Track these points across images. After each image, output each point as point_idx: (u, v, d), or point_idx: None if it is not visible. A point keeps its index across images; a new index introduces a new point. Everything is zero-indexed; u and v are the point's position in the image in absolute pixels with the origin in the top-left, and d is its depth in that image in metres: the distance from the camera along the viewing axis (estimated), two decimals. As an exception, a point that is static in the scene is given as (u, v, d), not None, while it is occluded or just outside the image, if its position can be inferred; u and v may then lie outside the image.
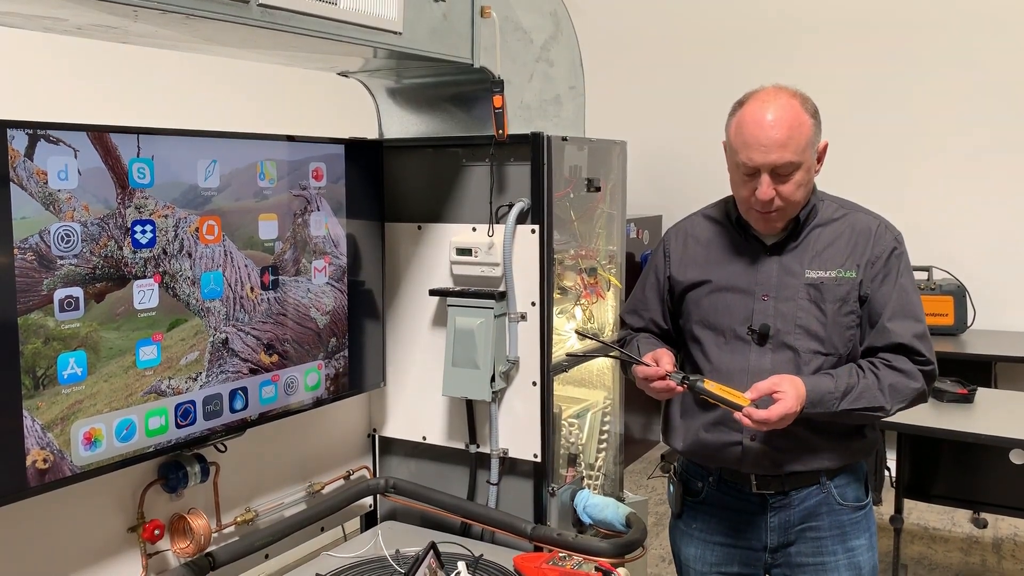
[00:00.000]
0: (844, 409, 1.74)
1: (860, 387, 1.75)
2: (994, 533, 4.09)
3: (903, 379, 1.78)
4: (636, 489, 4.49)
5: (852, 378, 1.76)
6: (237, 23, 1.47)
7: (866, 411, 1.76)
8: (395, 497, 2.32)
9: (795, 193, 1.74)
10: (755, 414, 1.66)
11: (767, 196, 1.72)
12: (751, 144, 1.71)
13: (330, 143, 2.13)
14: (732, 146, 1.78)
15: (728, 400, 1.71)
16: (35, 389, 1.53)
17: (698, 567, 1.98)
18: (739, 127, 1.75)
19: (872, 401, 1.75)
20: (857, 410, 1.75)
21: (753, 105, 1.75)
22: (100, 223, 1.62)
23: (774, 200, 1.74)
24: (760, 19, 5.25)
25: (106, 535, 1.78)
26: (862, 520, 1.90)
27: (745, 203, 1.80)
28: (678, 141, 5.43)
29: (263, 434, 2.08)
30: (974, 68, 4.73)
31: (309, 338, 2.10)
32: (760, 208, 1.76)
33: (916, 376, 1.79)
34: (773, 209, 1.76)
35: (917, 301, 1.83)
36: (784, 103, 1.73)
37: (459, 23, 1.98)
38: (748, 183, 1.76)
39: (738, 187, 1.80)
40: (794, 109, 1.72)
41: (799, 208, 1.80)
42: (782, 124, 1.70)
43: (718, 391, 1.72)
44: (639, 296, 2.06)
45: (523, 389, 2.20)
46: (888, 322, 1.79)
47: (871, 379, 1.76)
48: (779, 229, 1.83)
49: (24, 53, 2.98)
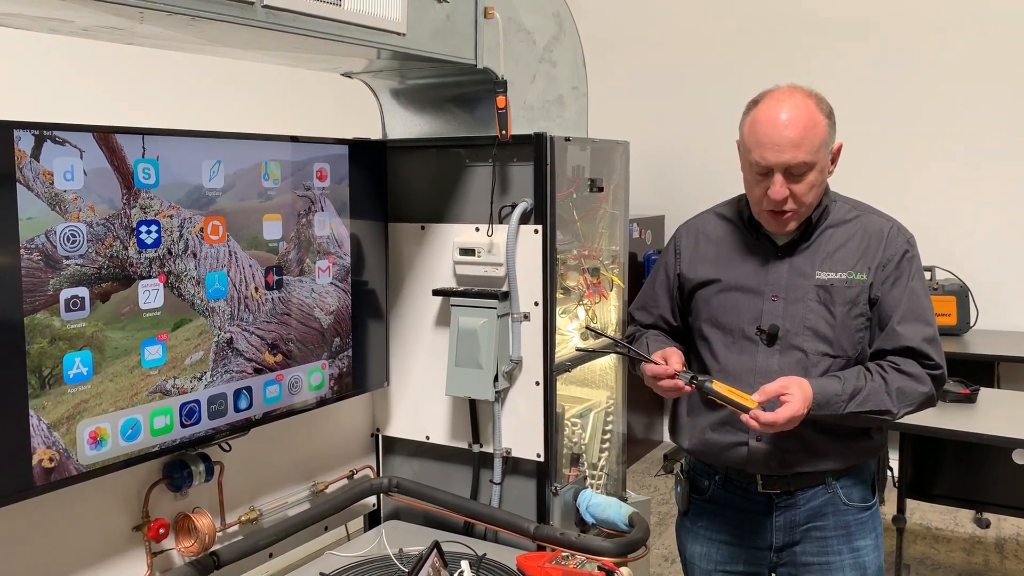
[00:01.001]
0: (850, 412, 1.73)
1: (867, 390, 1.74)
2: (997, 533, 4.09)
3: (911, 383, 1.76)
4: (639, 489, 4.49)
5: (860, 381, 1.75)
6: (242, 24, 1.48)
7: (872, 414, 1.75)
8: (398, 496, 2.33)
9: (808, 194, 1.74)
10: (762, 416, 1.66)
11: (780, 196, 1.72)
12: (764, 143, 1.70)
13: (334, 144, 2.14)
14: (746, 145, 1.77)
15: (735, 402, 1.71)
16: (41, 388, 1.54)
17: (703, 565, 1.98)
18: (753, 126, 1.75)
19: (879, 404, 1.74)
20: (863, 413, 1.74)
21: (767, 104, 1.74)
22: (105, 223, 1.63)
23: (787, 200, 1.73)
24: (764, 20, 5.24)
25: (111, 534, 1.79)
26: (868, 520, 1.90)
27: (758, 203, 1.79)
28: (681, 141, 5.44)
29: (267, 434, 2.09)
30: (981, 69, 4.72)
31: (313, 338, 2.11)
32: (773, 208, 1.76)
33: (924, 380, 1.77)
34: (786, 210, 1.75)
35: (928, 305, 1.82)
36: (799, 103, 1.71)
37: (462, 24, 1.98)
38: (761, 183, 1.75)
39: (751, 186, 1.79)
40: (809, 109, 1.71)
41: (812, 209, 1.80)
42: (796, 124, 1.69)
43: (726, 392, 1.72)
44: (649, 292, 2.06)
45: (526, 389, 2.20)
46: (898, 325, 1.78)
47: (879, 382, 1.75)
48: (791, 231, 1.82)
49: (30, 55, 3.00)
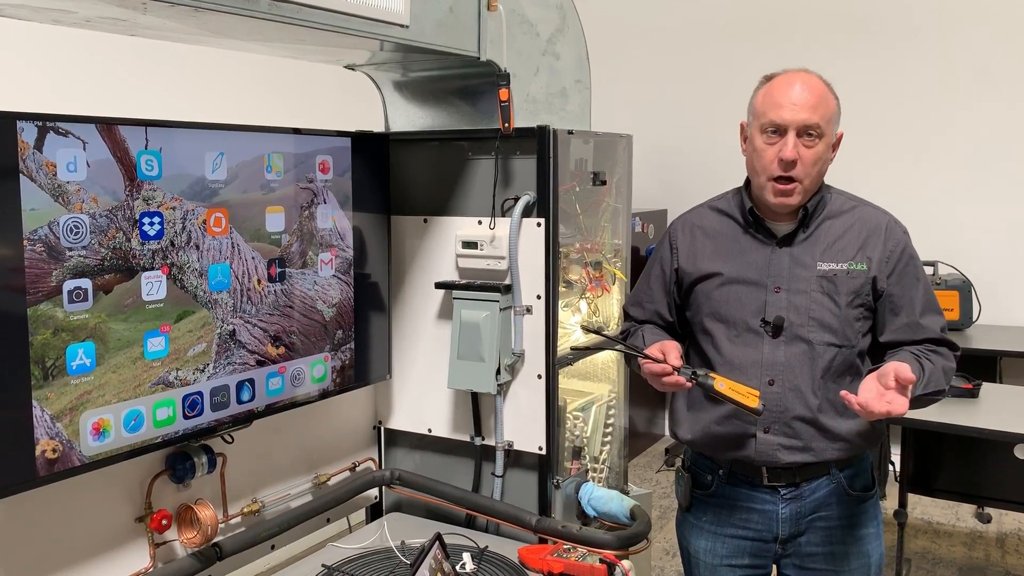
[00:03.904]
0: (920, 395, 1.74)
1: (928, 372, 1.77)
2: (998, 528, 4.09)
3: (947, 363, 1.83)
4: (640, 482, 4.50)
5: (923, 365, 1.78)
6: (245, 16, 1.48)
7: (932, 395, 1.77)
8: (400, 489, 2.33)
9: (814, 166, 1.77)
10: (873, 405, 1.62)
11: (791, 156, 1.74)
12: (782, 103, 1.75)
13: (336, 136, 2.14)
14: (758, 111, 1.80)
15: (739, 401, 1.71)
16: (44, 380, 1.55)
17: (708, 559, 1.97)
18: (768, 92, 1.80)
19: (939, 385, 1.78)
20: (928, 394, 1.76)
21: (784, 76, 1.81)
22: (108, 215, 1.63)
23: (796, 164, 1.75)
24: (767, 13, 5.23)
25: (114, 525, 1.79)
26: (870, 509, 1.91)
27: (765, 169, 1.79)
28: (684, 135, 5.42)
29: (270, 425, 2.09)
30: (984, 64, 4.71)
31: (315, 330, 2.11)
32: (783, 171, 1.76)
33: (951, 359, 1.85)
34: (793, 176, 1.76)
35: (934, 295, 1.90)
36: (814, 78, 1.80)
37: (465, 16, 1.98)
38: (772, 147, 1.77)
39: (761, 153, 1.79)
40: (822, 84, 1.80)
41: (814, 187, 1.81)
42: (814, 90, 1.77)
43: (729, 390, 1.71)
44: (643, 288, 2.05)
45: (528, 382, 2.20)
46: (922, 319, 1.83)
47: (933, 364, 1.79)
48: (793, 207, 1.81)
49: (33, 46, 2.99)
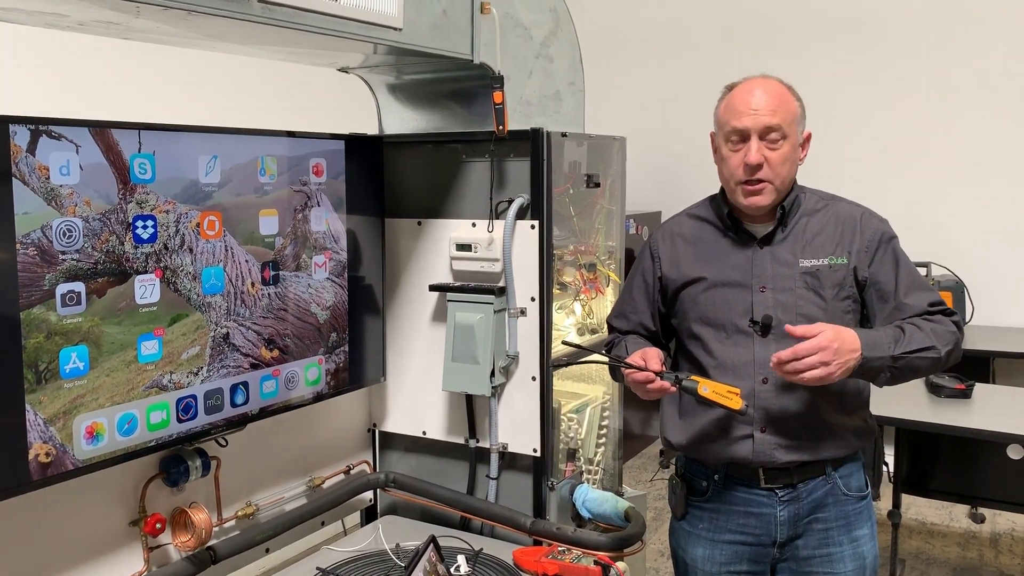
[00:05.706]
0: (901, 353, 1.74)
1: (908, 332, 1.77)
2: (992, 528, 4.10)
3: (938, 326, 1.81)
4: (635, 484, 4.50)
5: (896, 330, 1.78)
6: (238, 19, 1.48)
7: (921, 353, 1.76)
8: (395, 491, 2.33)
9: (782, 166, 1.79)
10: (784, 354, 1.67)
11: (756, 160, 1.77)
12: (742, 110, 1.79)
13: (330, 139, 2.14)
14: (721, 120, 1.84)
15: (722, 403, 1.72)
16: (37, 383, 1.54)
17: (707, 568, 1.94)
18: (729, 101, 1.83)
19: (923, 342, 1.76)
20: (912, 352, 1.75)
21: (742, 84, 1.85)
22: (102, 218, 1.63)
23: (763, 167, 1.77)
24: (761, 15, 5.24)
25: (108, 529, 1.79)
26: (864, 509, 1.92)
27: (732, 175, 1.82)
28: (677, 137, 5.42)
29: (264, 429, 2.09)
30: (975, 64, 4.73)
31: (309, 333, 2.11)
32: (749, 176, 1.79)
33: (946, 322, 1.83)
34: (761, 179, 1.78)
35: (921, 276, 1.89)
36: (772, 83, 1.83)
37: (459, 19, 1.98)
38: (737, 153, 1.80)
39: (728, 160, 1.82)
40: (781, 88, 1.83)
41: (785, 186, 1.83)
42: (772, 94, 1.80)
43: (712, 394, 1.72)
44: (626, 299, 2.05)
45: (523, 384, 2.21)
46: (906, 298, 1.84)
47: (911, 328, 1.79)
48: (766, 207, 1.83)
49: (26, 49, 2.99)
